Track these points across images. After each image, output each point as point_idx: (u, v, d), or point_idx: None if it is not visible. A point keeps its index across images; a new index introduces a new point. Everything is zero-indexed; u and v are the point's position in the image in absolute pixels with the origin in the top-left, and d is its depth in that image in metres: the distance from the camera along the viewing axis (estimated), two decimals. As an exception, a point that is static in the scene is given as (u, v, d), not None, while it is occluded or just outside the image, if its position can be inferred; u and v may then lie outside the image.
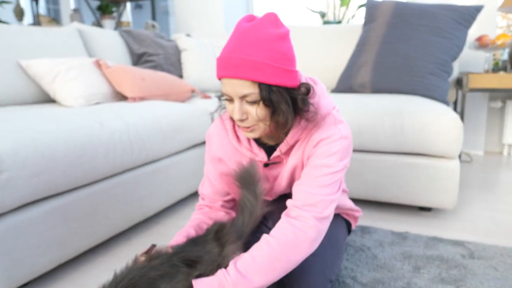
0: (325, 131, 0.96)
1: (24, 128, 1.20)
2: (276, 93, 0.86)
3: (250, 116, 0.89)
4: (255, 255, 0.87)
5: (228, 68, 0.85)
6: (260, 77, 0.84)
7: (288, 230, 0.90)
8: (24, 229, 1.15)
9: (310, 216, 0.91)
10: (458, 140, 1.57)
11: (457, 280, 1.21)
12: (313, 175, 0.94)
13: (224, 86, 0.89)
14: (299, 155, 1.00)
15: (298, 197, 0.94)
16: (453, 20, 1.90)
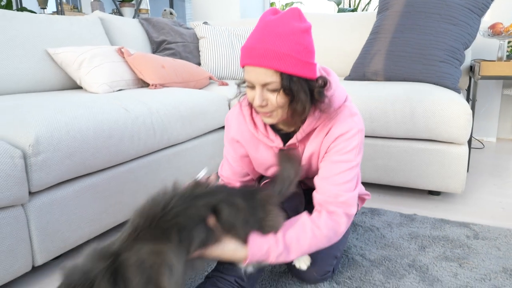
0: (343, 124, 1.02)
1: (57, 114, 1.29)
2: (296, 83, 0.92)
3: (270, 103, 0.95)
4: (300, 237, 0.97)
5: (253, 57, 0.90)
6: (283, 67, 0.89)
7: (329, 224, 0.99)
8: (58, 206, 1.25)
9: (342, 213, 1.00)
10: (467, 126, 1.61)
11: (460, 258, 1.28)
12: (335, 171, 1.01)
13: (248, 73, 0.94)
14: (316, 145, 1.06)
15: (326, 193, 1.01)
16: (466, 8, 1.92)
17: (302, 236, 0.97)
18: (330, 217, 1.00)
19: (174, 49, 2.60)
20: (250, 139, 1.13)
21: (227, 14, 3.73)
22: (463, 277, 1.18)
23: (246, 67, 0.94)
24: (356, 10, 3.27)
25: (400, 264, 1.26)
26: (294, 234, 0.96)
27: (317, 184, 1.05)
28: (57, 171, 1.22)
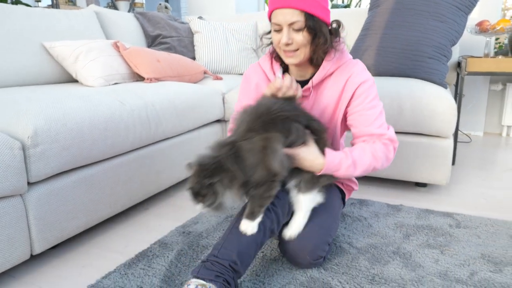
0: (362, 74, 1.20)
1: (55, 106, 1.33)
2: (318, 22, 1.10)
3: (295, 41, 1.12)
4: (362, 156, 1.16)
5: (282, 1, 1.08)
6: (307, 7, 1.07)
7: (383, 149, 1.18)
8: (56, 197, 1.29)
9: (391, 145, 1.20)
10: (452, 121, 1.67)
11: (442, 246, 1.35)
12: (372, 117, 1.19)
13: (276, 16, 1.11)
14: (335, 93, 1.22)
15: (373, 135, 1.19)
16: (454, 6, 1.97)
17: (364, 155, 1.16)
18: (384, 144, 1.19)
19: (169, 43, 2.64)
20: (265, 82, 1.30)
21: (222, 9, 3.76)
22: (444, 263, 1.24)
23: (274, 12, 1.12)
24: (349, 6, 3.31)
25: (385, 252, 1.32)
26: (357, 153, 1.16)
27: (360, 132, 1.21)
28: (55, 162, 1.26)
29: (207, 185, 0.98)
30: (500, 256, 1.28)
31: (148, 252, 1.34)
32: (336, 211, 1.30)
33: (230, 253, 1.04)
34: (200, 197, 1.00)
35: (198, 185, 0.99)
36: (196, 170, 1.01)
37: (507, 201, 1.76)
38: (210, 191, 0.98)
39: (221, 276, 1.00)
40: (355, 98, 1.20)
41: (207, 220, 1.59)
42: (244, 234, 1.07)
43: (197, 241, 1.40)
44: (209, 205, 1.00)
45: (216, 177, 0.98)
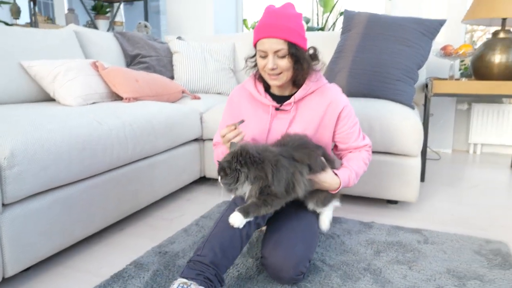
0: (342, 97, 1.41)
1: (32, 127, 1.34)
2: (299, 50, 1.28)
3: (279, 67, 1.29)
4: (359, 165, 1.42)
5: (269, 31, 1.24)
6: (290, 37, 1.24)
7: (367, 156, 1.47)
8: (31, 218, 1.29)
9: (370, 151, 1.49)
10: (418, 140, 1.76)
11: (410, 261, 1.41)
12: (355, 136, 1.44)
13: (262, 44, 1.27)
14: (316, 113, 1.39)
15: (357, 147, 1.45)
16: (419, 32, 2.10)
17: (359, 165, 1.43)
18: (366, 151, 1.46)
19: (148, 62, 2.67)
20: (250, 102, 1.46)
21: (201, 29, 3.83)
22: (412, 278, 1.30)
23: (261, 40, 1.28)
24: (323, 29, 3.43)
25: (357, 268, 1.37)
26: (355, 165, 1.42)
27: (349, 147, 1.45)
28: (31, 183, 1.26)
29: (234, 168, 1.15)
30: (464, 271, 1.35)
31: (124, 273, 1.35)
32: (315, 228, 1.38)
33: (213, 247, 1.13)
34: (223, 173, 1.18)
35: (227, 163, 1.16)
36: (235, 152, 1.18)
37: (472, 217, 1.85)
38: (234, 173, 1.16)
39: (201, 274, 1.09)
40: (341, 120, 1.41)
41: (183, 240, 1.60)
42: (229, 227, 1.16)
43: (173, 261, 1.42)
44: (226, 183, 1.18)
45: (245, 168, 1.15)
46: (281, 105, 1.40)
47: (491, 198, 2.10)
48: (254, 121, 1.44)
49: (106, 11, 3.61)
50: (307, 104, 1.40)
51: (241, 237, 1.18)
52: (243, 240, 1.19)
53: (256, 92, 1.43)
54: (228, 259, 1.15)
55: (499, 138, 3.08)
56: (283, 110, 1.40)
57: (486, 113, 3.08)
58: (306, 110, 1.40)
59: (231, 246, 1.16)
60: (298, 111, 1.40)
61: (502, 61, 2.29)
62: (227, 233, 1.17)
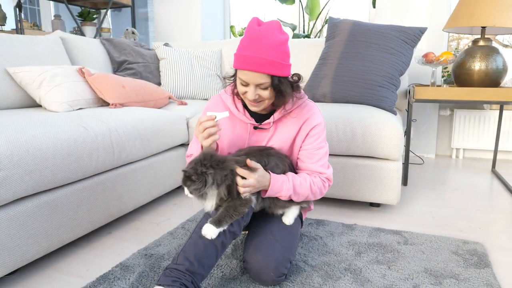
0: (318, 116, 1.37)
1: (17, 132, 1.36)
2: (282, 81, 1.23)
3: (260, 97, 1.25)
4: (302, 183, 1.32)
5: (250, 65, 1.18)
6: (274, 71, 1.19)
7: (320, 184, 1.37)
8: (16, 221, 1.30)
9: (327, 183, 1.40)
10: (399, 144, 1.82)
11: (390, 262, 1.45)
12: (317, 157, 1.37)
13: (245, 75, 1.21)
14: (293, 130, 1.36)
15: (314, 171, 1.37)
16: (400, 39, 2.16)
17: (303, 183, 1.32)
18: (322, 181, 1.37)
19: (135, 69, 2.70)
20: (228, 119, 1.40)
21: (189, 36, 3.87)
22: (390, 278, 1.34)
23: (243, 71, 1.21)
24: (309, 36, 3.50)
25: (338, 268, 1.40)
26: (298, 180, 1.32)
27: (305, 167, 1.38)
28: (16, 187, 1.28)
29: (201, 172, 1.16)
30: (441, 270, 1.39)
31: (110, 275, 1.36)
32: (296, 230, 1.40)
33: (188, 257, 1.14)
34: (189, 182, 1.18)
35: (192, 170, 1.17)
36: (197, 158, 1.20)
37: (452, 219, 1.90)
38: (201, 178, 1.17)
39: (178, 280, 1.09)
40: (308, 137, 1.37)
41: (169, 242, 1.62)
42: (203, 237, 1.17)
43: (158, 263, 1.44)
44: (194, 189, 1.18)
45: (211, 170, 1.17)
46: (260, 124, 1.37)
47: (471, 201, 2.16)
48: (231, 137, 1.41)
49: (93, 18, 3.62)
50: (285, 123, 1.37)
51: (216, 246, 1.19)
52: (218, 249, 1.19)
53: (234, 108, 1.39)
54: (203, 268, 1.15)
55: (481, 143, 3.17)
56: (261, 128, 1.39)
57: (468, 119, 3.16)
58: (284, 129, 1.38)
59: (206, 255, 1.16)
60: (276, 130, 1.38)
61: (481, 68, 2.37)
62: (201, 243, 1.17)
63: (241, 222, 1.25)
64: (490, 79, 2.37)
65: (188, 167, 1.19)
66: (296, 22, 3.83)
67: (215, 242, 1.18)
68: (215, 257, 1.19)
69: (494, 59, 2.36)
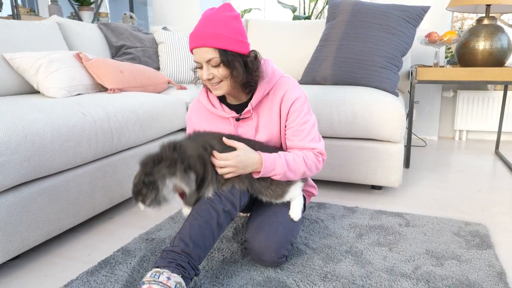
0: (294, 90, 1.31)
1: (15, 118, 1.34)
2: (231, 56, 1.19)
3: (215, 76, 1.21)
4: (295, 159, 1.28)
5: (197, 40, 1.18)
6: (220, 44, 1.17)
7: (313, 159, 1.33)
8: (17, 207, 1.30)
9: (321, 157, 1.36)
10: (401, 126, 1.79)
11: (391, 244, 1.45)
12: (304, 133, 1.31)
13: (195, 55, 1.21)
14: (274, 113, 1.32)
15: (304, 148, 1.32)
16: (402, 19, 2.12)
17: (297, 159, 1.29)
18: (315, 155, 1.33)
19: (133, 53, 2.66)
20: (207, 117, 1.38)
21: (188, 19, 3.81)
22: (391, 259, 1.34)
23: (193, 51, 1.21)
24: (309, 18, 3.44)
25: (339, 251, 1.40)
26: (290, 156, 1.28)
27: (294, 145, 1.33)
28: (15, 174, 1.27)
29: (148, 183, 1.13)
30: (442, 251, 1.39)
31: (111, 259, 1.37)
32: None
33: (183, 238, 1.14)
34: (141, 196, 1.15)
35: (136, 187, 1.14)
36: (139, 170, 1.16)
37: (454, 201, 1.89)
38: (150, 187, 1.13)
39: (173, 261, 1.10)
40: (290, 114, 1.32)
41: (170, 227, 1.62)
42: (198, 218, 1.18)
43: (160, 247, 1.44)
44: (151, 202, 1.15)
45: (156, 174, 1.13)
46: (241, 115, 1.33)
47: (473, 183, 2.15)
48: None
49: (91, 2, 3.57)
50: (266, 106, 1.33)
51: (212, 226, 1.17)
52: (214, 230, 1.18)
53: (211, 106, 1.36)
54: (200, 249, 1.14)
55: (484, 125, 3.13)
56: (244, 118, 1.34)
57: (472, 99, 3.12)
58: (265, 114, 1.33)
59: (202, 236, 1.15)
60: (259, 116, 1.34)
61: (486, 47, 2.32)
62: (196, 224, 1.16)
63: (236, 202, 1.23)
64: (495, 58, 2.33)
65: (133, 184, 1.16)
66: (296, 3, 3.77)
67: (210, 222, 1.18)
68: (211, 238, 1.18)
69: (499, 38, 2.31)
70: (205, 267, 1.31)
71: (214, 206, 1.20)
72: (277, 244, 1.25)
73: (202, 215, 1.18)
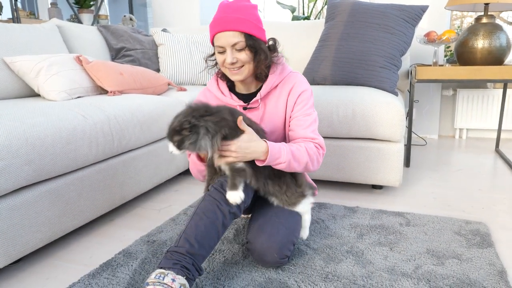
0: (302, 84, 1.36)
1: (15, 122, 1.35)
2: (256, 40, 1.25)
3: (239, 60, 1.26)
4: (299, 148, 1.28)
5: (222, 24, 1.22)
6: (246, 29, 1.22)
7: (314, 150, 1.32)
8: (18, 211, 1.31)
9: (321, 150, 1.36)
10: (400, 125, 1.80)
11: (392, 243, 1.45)
12: (307, 123, 1.34)
13: (219, 39, 1.24)
14: (280, 104, 1.36)
15: (306, 137, 1.34)
16: (401, 19, 2.12)
17: (300, 148, 1.28)
18: (315, 147, 1.33)
19: (133, 56, 2.67)
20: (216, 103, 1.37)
21: (188, 21, 3.81)
22: (392, 259, 1.34)
23: (216, 35, 1.25)
24: (309, 18, 3.44)
25: (339, 251, 1.40)
26: (293, 146, 1.28)
27: (296, 134, 1.35)
28: (16, 177, 1.28)
29: (193, 125, 1.10)
30: (443, 251, 1.39)
31: (112, 262, 1.37)
32: (299, 215, 1.39)
33: (189, 239, 1.14)
34: (179, 136, 1.11)
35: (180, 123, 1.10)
36: (186, 111, 1.14)
37: (455, 199, 1.89)
38: (193, 131, 1.10)
39: (178, 263, 1.10)
40: (296, 105, 1.35)
41: (171, 228, 1.63)
42: (204, 218, 1.17)
43: (161, 249, 1.45)
44: (189, 144, 1.12)
45: (203, 122, 1.11)
46: (248, 104, 1.37)
47: (474, 181, 2.15)
48: None
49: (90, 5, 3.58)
50: (273, 98, 1.37)
51: (217, 227, 1.18)
52: (219, 230, 1.18)
53: (220, 93, 1.40)
54: (204, 249, 1.15)
55: (484, 123, 3.14)
56: (251, 108, 1.38)
57: (471, 98, 3.12)
58: (272, 104, 1.37)
59: (207, 236, 1.16)
60: (266, 107, 1.38)
61: (485, 46, 2.33)
62: (202, 224, 1.17)
63: (241, 203, 1.23)
64: (494, 57, 2.33)
65: (176, 120, 1.13)
66: (295, 4, 3.77)
67: (216, 223, 1.18)
68: (216, 238, 1.18)
69: (498, 37, 2.31)
70: (206, 268, 1.32)
71: (220, 208, 1.19)
72: (279, 244, 1.25)
73: (208, 216, 1.18)
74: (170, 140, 1.15)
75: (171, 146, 1.15)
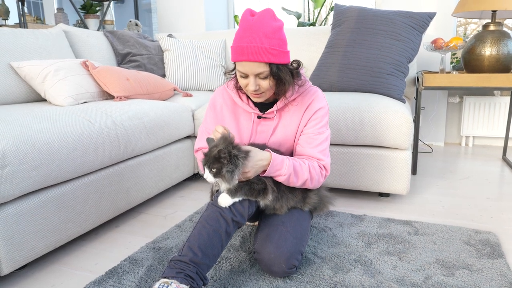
0: (321, 100, 1.35)
1: (23, 127, 1.35)
2: (281, 69, 1.21)
3: (261, 87, 1.24)
4: (301, 165, 1.27)
5: (247, 54, 1.16)
6: (271, 59, 1.17)
7: (318, 170, 1.31)
8: (24, 217, 1.30)
9: (324, 171, 1.34)
10: (408, 133, 1.78)
11: (400, 253, 1.43)
12: (317, 141, 1.33)
13: (243, 67, 1.20)
14: (296, 118, 1.34)
15: (313, 156, 1.33)
16: (409, 25, 2.11)
17: (302, 165, 1.28)
18: (319, 167, 1.32)
19: (139, 61, 2.67)
20: (233, 109, 1.41)
21: (193, 27, 3.82)
22: (401, 269, 1.32)
23: (240, 62, 1.20)
24: (314, 25, 3.44)
25: (348, 260, 1.39)
26: (297, 161, 1.27)
27: (303, 151, 1.34)
28: (23, 183, 1.27)
29: (233, 156, 1.13)
30: (453, 261, 1.37)
31: (118, 269, 1.36)
32: (306, 223, 1.38)
33: (192, 247, 1.14)
34: (218, 164, 1.13)
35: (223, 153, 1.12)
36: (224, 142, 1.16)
37: (463, 208, 1.87)
38: (232, 160, 1.13)
39: (182, 272, 1.09)
40: (310, 121, 1.34)
41: (177, 235, 1.62)
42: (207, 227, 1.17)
43: (167, 256, 1.43)
44: (226, 172, 1.13)
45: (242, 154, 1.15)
46: (264, 113, 1.37)
47: (481, 190, 2.13)
48: (236, 128, 1.40)
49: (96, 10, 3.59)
50: (289, 111, 1.36)
51: (220, 235, 1.17)
52: (222, 239, 1.18)
53: (238, 99, 1.38)
54: (208, 258, 1.14)
55: (491, 131, 3.11)
56: (266, 118, 1.37)
57: (478, 105, 3.10)
58: (288, 117, 1.36)
59: (211, 245, 1.15)
60: (281, 119, 1.37)
61: (492, 53, 2.31)
62: (205, 232, 1.16)
63: (245, 212, 1.23)
64: (501, 64, 2.31)
65: (215, 149, 1.15)
66: (300, 10, 3.77)
67: (219, 231, 1.17)
68: (220, 246, 1.18)
69: (505, 44, 2.30)
70: (213, 276, 1.30)
71: (223, 215, 1.19)
72: (288, 254, 1.23)
73: (211, 224, 1.18)
74: (208, 167, 1.16)
75: (207, 173, 1.17)
